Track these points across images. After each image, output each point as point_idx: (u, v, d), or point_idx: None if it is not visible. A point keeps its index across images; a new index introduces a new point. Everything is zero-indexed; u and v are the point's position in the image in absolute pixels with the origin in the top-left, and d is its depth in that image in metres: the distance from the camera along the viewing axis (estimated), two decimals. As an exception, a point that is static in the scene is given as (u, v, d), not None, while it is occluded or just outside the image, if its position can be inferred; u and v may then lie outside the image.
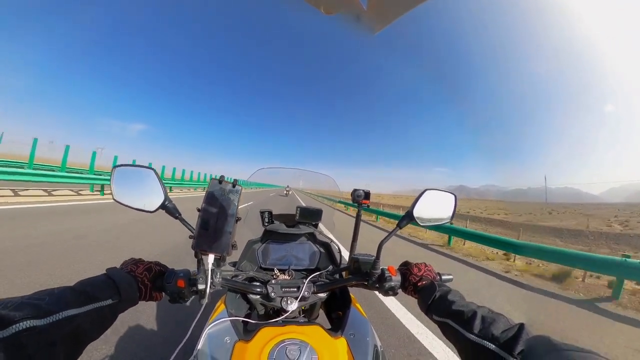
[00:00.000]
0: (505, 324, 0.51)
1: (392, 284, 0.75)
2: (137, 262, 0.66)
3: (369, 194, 0.90)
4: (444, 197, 0.84)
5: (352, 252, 1.00)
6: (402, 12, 2.11)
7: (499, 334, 0.49)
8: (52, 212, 6.59)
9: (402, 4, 2.10)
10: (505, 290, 4.35)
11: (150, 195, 0.69)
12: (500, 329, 0.50)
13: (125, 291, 0.57)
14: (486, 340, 0.49)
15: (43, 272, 2.95)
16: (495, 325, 0.50)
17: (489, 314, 0.54)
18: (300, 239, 1.21)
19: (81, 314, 0.46)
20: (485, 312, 0.56)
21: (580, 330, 3.06)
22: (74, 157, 11.55)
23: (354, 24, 2.16)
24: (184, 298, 0.66)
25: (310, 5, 1.98)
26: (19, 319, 0.38)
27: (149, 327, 2.16)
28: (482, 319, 0.53)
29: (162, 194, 0.69)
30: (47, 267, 3.09)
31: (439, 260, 6.21)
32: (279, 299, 0.80)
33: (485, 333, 0.50)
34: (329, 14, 2.11)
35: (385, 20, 2.19)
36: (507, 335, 0.47)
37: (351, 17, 2.13)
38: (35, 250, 3.59)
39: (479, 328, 0.52)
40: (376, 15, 2.12)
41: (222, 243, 0.63)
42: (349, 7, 2.10)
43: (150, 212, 0.69)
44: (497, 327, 0.50)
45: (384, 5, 2.10)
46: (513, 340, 0.46)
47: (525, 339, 0.45)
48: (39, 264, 3.15)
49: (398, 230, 0.77)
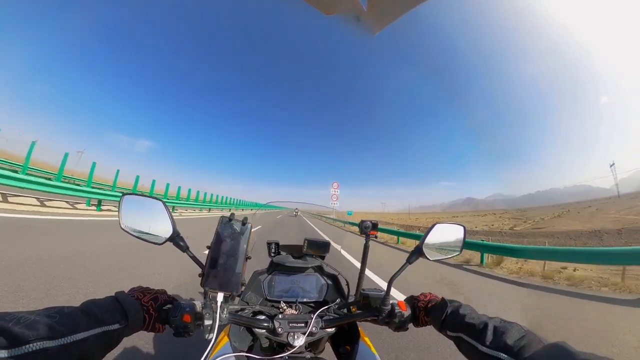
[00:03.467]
0: (519, 332, 0.51)
1: (403, 319, 0.75)
2: (144, 290, 0.65)
3: (376, 225, 0.89)
4: (453, 229, 0.84)
5: (360, 285, 0.98)
6: (401, 13, 2.14)
7: (511, 343, 0.48)
8: (42, 225, 5.96)
9: (401, 4, 2.12)
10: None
11: (158, 227, 0.68)
12: (513, 338, 0.49)
13: (133, 317, 0.56)
14: (499, 351, 0.49)
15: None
16: (507, 335, 0.50)
17: (501, 324, 0.54)
18: (308, 271, 1.17)
19: (89, 337, 0.46)
20: (497, 322, 0.55)
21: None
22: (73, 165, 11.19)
23: (354, 25, 2.18)
24: (189, 333, 0.64)
25: (311, 6, 2.00)
26: (32, 339, 0.37)
27: (146, 351, 2.06)
28: (494, 330, 0.53)
29: (170, 227, 0.67)
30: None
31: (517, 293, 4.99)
32: (285, 334, 0.77)
33: (498, 344, 0.50)
34: (329, 15, 2.12)
35: (385, 21, 2.22)
36: (520, 344, 0.47)
37: (351, 18, 2.15)
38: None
39: (491, 339, 0.51)
40: (376, 15, 2.14)
41: (232, 282, 0.62)
42: (349, 8, 2.12)
43: (158, 244, 0.68)
44: (509, 337, 0.50)
45: (383, 6, 2.12)
46: (526, 349, 0.46)
47: (540, 347, 0.45)
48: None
49: (408, 265, 0.77)
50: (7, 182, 7.33)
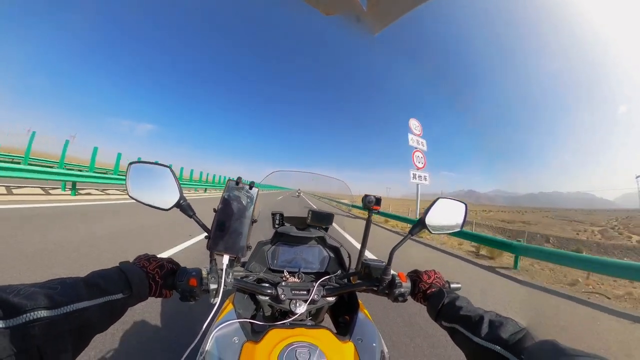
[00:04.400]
0: (514, 327, 0.51)
1: (402, 291, 0.76)
2: (150, 258, 0.67)
3: (379, 200, 0.90)
4: (455, 205, 0.86)
5: (361, 257, 1.00)
6: (402, 13, 2.14)
7: (506, 337, 0.49)
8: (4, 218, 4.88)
9: (401, 4, 2.13)
10: None
11: (165, 193, 0.69)
12: (508, 332, 0.50)
13: (137, 286, 0.57)
14: (493, 343, 0.49)
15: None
16: (502, 329, 0.51)
17: (497, 318, 0.55)
18: (311, 243, 1.21)
19: (91, 307, 0.46)
20: (493, 316, 0.56)
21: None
22: (76, 152, 10.95)
23: (354, 25, 2.18)
24: (194, 297, 0.66)
25: (311, 7, 2.00)
26: (30, 308, 0.37)
27: (153, 322, 2.14)
28: (490, 323, 0.53)
29: (177, 193, 0.69)
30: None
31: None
32: (288, 301, 0.80)
33: (493, 336, 0.51)
34: (329, 15, 2.13)
35: (385, 21, 2.22)
36: (515, 339, 0.48)
37: (351, 18, 2.16)
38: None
39: (486, 332, 0.52)
40: (376, 16, 2.14)
41: (237, 244, 0.63)
42: (349, 8, 2.13)
43: (165, 209, 0.69)
44: (504, 331, 0.50)
45: (383, 6, 2.13)
46: (520, 343, 0.46)
47: (533, 343, 0.46)
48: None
49: (410, 237, 0.78)
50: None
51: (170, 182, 0.69)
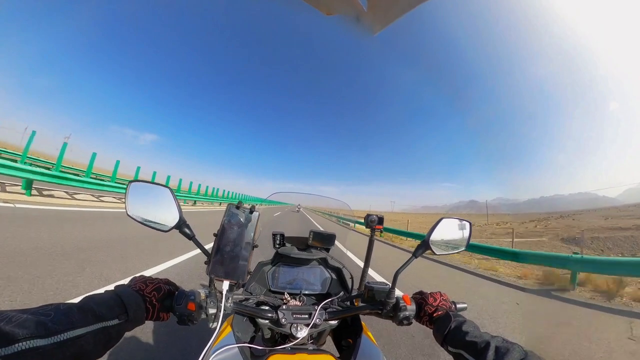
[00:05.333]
0: (520, 353, 0.50)
1: (407, 314, 0.74)
2: (147, 281, 0.64)
3: (382, 220, 0.88)
4: (459, 224, 0.84)
5: (364, 279, 0.97)
6: (402, 13, 2.12)
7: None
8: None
9: (402, 4, 2.10)
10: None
11: (165, 214, 0.68)
12: (514, 358, 0.49)
13: (134, 311, 0.55)
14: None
15: None
16: (508, 356, 0.49)
17: (503, 344, 0.54)
18: (312, 263, 1.17)
19: (86, 335, 0.44)
20: (499, 342, 0.55)
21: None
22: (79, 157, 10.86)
23: (354, 25, 2.16)
24: (192, 321, 0.64)
25: (311, 6, 1.99)
26: (22, 337, 0.36)
27: (148, 344, 2.06)
28: (496, 350, 0.52)
29: (177, 214, 0.67)
30: None
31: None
32: (289, 325, 0.77)
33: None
34: (328, 15, 2.11)
35: (386, 21, 2.19)
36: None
37: (351, 18, 2.14)
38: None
39: (492, 359, 0.51)
40: (376, 16, 2.12)
41: (238, 270, 0.62)
42: (349, 8, 2.10)
43: (164, 231, 0.67)
44: (510, 357, 0.49)
45: (383, 6, 2.11)
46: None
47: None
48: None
49: (414, 259, 0.76)
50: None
51: (170, 203, 0.68)
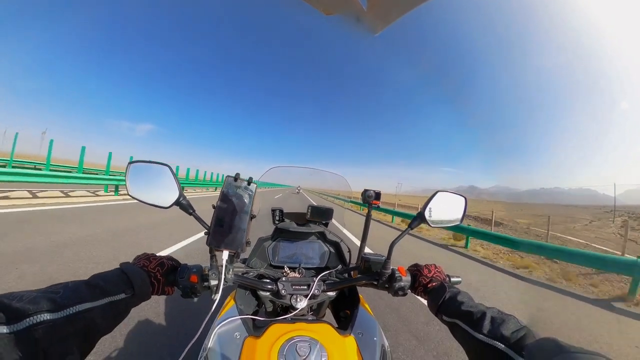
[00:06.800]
0: (515, 324, 0.51)
1: (402, 285, 0.76)
2: (150, 257, 0.68)
3: (379, 195, 0.89)
4: (455, 199, 0.84)
5: (361, 252, 1.00)
6: (403, 12, 2.11)
7: (508, 334, 0.49)
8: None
9: (402, 4, 2.10)
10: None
11: (165, 192, 0.70)
12: (510, 329, 0.49)
13: (139, 286, 0.57)
14: (495, 340, 0.49)
15: None
16: (504, 326, 0.50)
17: (499, 315, 0.54)
18: (311, 238, 1.21)
19: (95, 308, 0.47)
20: (495, 312, 0.56)
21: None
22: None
23: (354, 25, 2.16)
24: (196, 293, 0.67)
25: (311, 6, 1.98)
26: (33, 312, 0.38)
27: (155, 319, 2.17)
28: (492, 320, 0.53)
29: (176, 191, 0.69)
30: None
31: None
32: (288, 297, 0.80)
33: (495, 333, 0.50)
34: (328, 15, 2.10)
35: (386, 21, 2.19)
36: (517, 336, 0.48)
37: (351, 18, 2.13)
38: None
39: (488, 328, 0.52)
40: (376, 15, 2.12)
41: (237, 240, 0.64)
42: (349, 7, 2.10)
43: (165, 207, 0.69)
44: (506, 328, 0.50)
45: (384, 6, 2.10)
46: (522, 341, 0.46)
47: (534, 340, 0.46)
48: None
49: (409, 230, 0.78)
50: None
51: (170, 181, 0.70)
